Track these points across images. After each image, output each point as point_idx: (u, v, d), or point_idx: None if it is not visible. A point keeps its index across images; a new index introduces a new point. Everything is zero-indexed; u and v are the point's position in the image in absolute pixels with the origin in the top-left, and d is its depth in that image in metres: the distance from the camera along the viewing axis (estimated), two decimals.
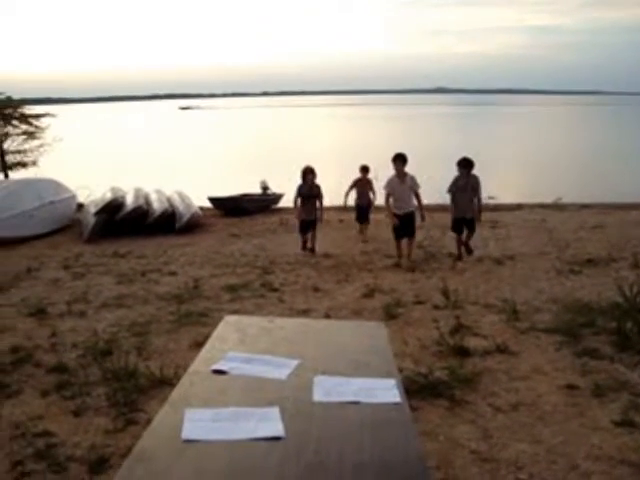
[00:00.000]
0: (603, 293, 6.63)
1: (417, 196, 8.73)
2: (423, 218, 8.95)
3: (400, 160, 8.55)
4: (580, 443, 3.67)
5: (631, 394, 4.29)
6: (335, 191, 11.86)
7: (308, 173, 9.52)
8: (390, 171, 8.77)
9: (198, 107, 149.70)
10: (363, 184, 11.01)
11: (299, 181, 9.63)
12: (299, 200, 9.57)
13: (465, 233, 8.92)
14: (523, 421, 3.95)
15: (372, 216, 11.30)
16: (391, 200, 8.66)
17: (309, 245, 9.71)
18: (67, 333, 5.87)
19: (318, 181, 9.82)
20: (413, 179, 8.66)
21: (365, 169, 11.06)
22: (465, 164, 8.66)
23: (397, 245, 8.87)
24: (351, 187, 11.08)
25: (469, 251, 8.95)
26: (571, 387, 4.41)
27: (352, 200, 11.23)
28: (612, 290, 6.44)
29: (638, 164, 24.67)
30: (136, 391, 4.42)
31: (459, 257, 8.88)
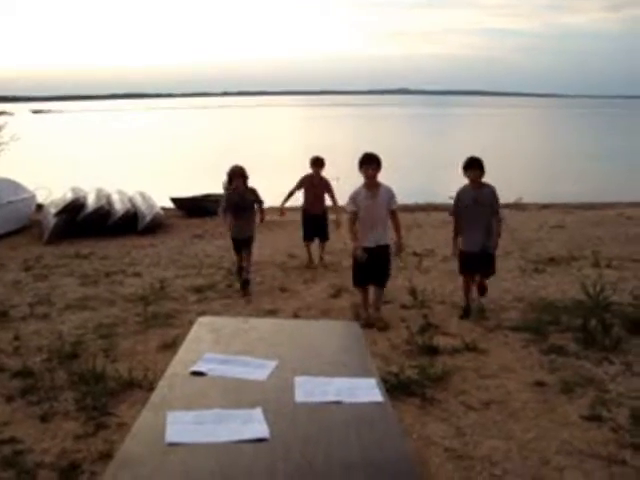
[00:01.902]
0: (567, 291, 6.75)
1: (393, 217, 6.00)
2: (400, 249, 6.17)
3: (371, 163, 5.80)
4: (551, 438, 3.73)
5: (597, 390, 4.38)
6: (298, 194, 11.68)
7: (237, 176, 7.17)
8: (355, 180, 6.22)
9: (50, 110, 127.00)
10: (314, 184, 8.37)
11: (263, 180, 8.45)
12: (229, 215, 7.22)
13: (479, 279, 6.24)
14: (494, 418, 4.00)
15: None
16: (357, 225, 5.95)
17: (244, 275, 7.26)
18: (31, 336, 5.74)
19: (269, 184, 8.34)
20: (389, 192, 5.91)
21: (318, 162, 8.39)
22: (475, 166, 5.95)
23: (362, 294, 6.16)
24: (297, 187, 8.46)
25: (482, 290, 6.26)
26: (540, 384, 4.48)
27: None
28: (575, 288, 6.57)
29: (596, 165, 25.26)
30: (105, 394, 4.34)
31: (466, 312, 6.12)
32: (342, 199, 8.04)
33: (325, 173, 8.58)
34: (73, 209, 11.63)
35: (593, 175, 22.04)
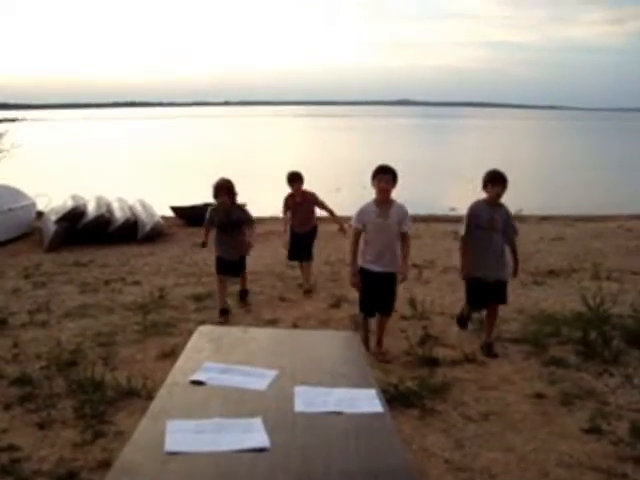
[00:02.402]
0: (567, 304, 6.74)
1: (404, 241, 5.25)
2: (403, 278, 5.36)
3: (386, 174, 5.13)
4: (550, 450, 3.73)
5: (597, 402, 4.38)
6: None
7: (223, 191, 6.43)
8: (356, 191, 6.39)
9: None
10: (298, 202, 7.55)
11: (263, 190, 7.88)
12: (215, 233, 6.71)
13: (488, 310, 5.57)
14: (494, 430, 3.99)
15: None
16: (361, 244, 5.31)
17: (227, 306, 6.65)
18: (29, 343, 5.72)
19: (261, 197, 7.60)
20: (403, 212, 5.22)
21: (295, 178, 7.49)
22: (500, 181, 5.28)
23: (363, 324, 5.53)
24: (284, 211, 7.72)
25: (489, 350, 5.36)
26: (539, 396, 4.48)
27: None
28: (575, 301, 6.56)
29: (596, 177, 25.30)
30: (103, 403, 4.33)
31: (461, 322, 5.97)
32: (341, 211, 8.02)
33: (325, 185, 8.57)
34: (73, 217, 11.62)
35: (593, 187, 22.05)
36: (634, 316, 6.04)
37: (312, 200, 7.65)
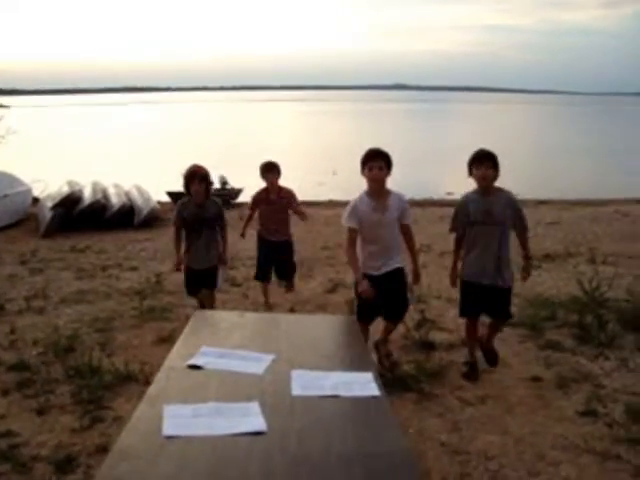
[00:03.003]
0: (563, 288, 6.76)
1: (406, 234, 4.50)
2: (417, 278, 4.63)
3: (377, 161, 4.24)
4: (547, 433, 3.75)
5: (593, 385, 4.40)
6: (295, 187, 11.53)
7: (196, 180, 5.21)
8: (352, 174, 5.25)
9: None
10: (271, 200, 6.02)
11: (258, 177, 6.03)
12: (182, 233, 5.38)
13: (486, 321, 4.72)
14: (490, 413, 4.01)
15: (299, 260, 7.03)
16: (358, 246, 4.44)
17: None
18: (27, 330, 5.72)
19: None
20: (402, 202, 4.42)
21: (270, 168, 5.98)
22: (486, 161, 4.32)
23: (363, 330, 4.06)
24: (251, 210, 6.23)
25: (491, 358, 4.73)
26: (536, 379, 4.49)
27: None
28: (571, 284, 6.58)
29: (593, 161, 25.30)
30: (101, 388, 4.33)
31: (472, 370, 4.58)
32: (338, 195, 7.82)
33: (320, 168, 7.65)
34: (69, 203, 11.59)
35: (590, 171, 22.07)
36: (630, 300, 6.06)
37: (290, 199, 6.08)
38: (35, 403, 4.18)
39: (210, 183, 5.45)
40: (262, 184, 6.11)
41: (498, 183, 4.45)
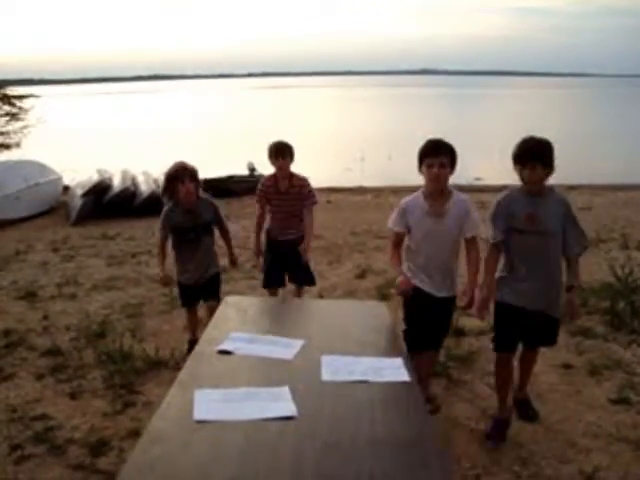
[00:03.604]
0: (595, 274, 6.65)
1: (470, 250, 3.63)
2: (469, 304, 3.56)
3: (439, 156, 3.38)
4: (578, 421, 3.71)
5: (625, 373, 4.34)
6: (322, 173, 11.27)
7: (183, 180, 4.34)
8: (382, 162, 4.74)
9: None
10: (281, 190, 4.88)
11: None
12: (169, 241, 4.61)
13: (524, 353, 3.80)
14: None
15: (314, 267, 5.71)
16: (403, 256, 3.70)
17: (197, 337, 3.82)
18: (59, 316, 5.81)
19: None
20: (465, 208, 3.53)
21: (282, 151, 4.80)
22: (537, 156, 3.28)
23: (417, 366, 2.97)
24: (260, 205, 5.01)
25: (528, 412, 3.78)
26: (567, 366, 4.44)
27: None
28: (603, 270, 6.47)
29: (626, 145, 24.83)
30: (132, 373, 4.39)
31: (499, 429, 3.55)
32: (366, 181, 7.65)
33: (349, 154, 6.31)
34: (99, 191, 11.72)
35: (622, 156, 21.66)
36: None
37: (304, 189, 4.90)
38: (68, 387, 4.25)
39: (199, 182, 4.50)
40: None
41: None
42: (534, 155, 3.27)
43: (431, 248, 3.56)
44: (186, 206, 4.43)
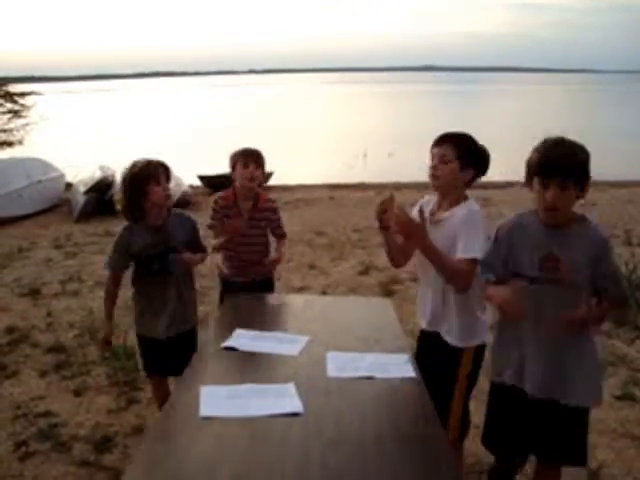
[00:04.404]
0: None
1: (459, 276, 2.48)
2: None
3: (443, 146, 2.64)
4: None
5: (630, 369, 4.33)
6: (324, 169, 11.32)
7: (157, 180, 3.09)
8: (384, 157, 3.95)
9: None
10: (242, 211, 3.61)
11: (291, 157, 4.29)
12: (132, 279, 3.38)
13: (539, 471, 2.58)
14: None
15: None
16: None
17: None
18: (62, 313, 5.82)
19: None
20: (465, 219, 2.61)
21: (252, 157, 3.55)
22: (554, 172, 2.23)
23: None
24: (214, 228, 3.70)
25: None
26: None
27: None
28: None
29: (630, 142, 24.76)
30: (136, 370, 4.38)
31: None
32: (369, 177, 7.62)
33: (351, 150, 5.46)
34: (102, 187, 11.72)
35: (627, 153, 21.61)
36: None
37: (272, 212, 3.71)
38: (72, 384, 4.26)
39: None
40: (292, 165, 4.36)
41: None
42: (567, 168, 2.23)
43: (420, 268, 2.74)
44: (156, 221, 3.13)
